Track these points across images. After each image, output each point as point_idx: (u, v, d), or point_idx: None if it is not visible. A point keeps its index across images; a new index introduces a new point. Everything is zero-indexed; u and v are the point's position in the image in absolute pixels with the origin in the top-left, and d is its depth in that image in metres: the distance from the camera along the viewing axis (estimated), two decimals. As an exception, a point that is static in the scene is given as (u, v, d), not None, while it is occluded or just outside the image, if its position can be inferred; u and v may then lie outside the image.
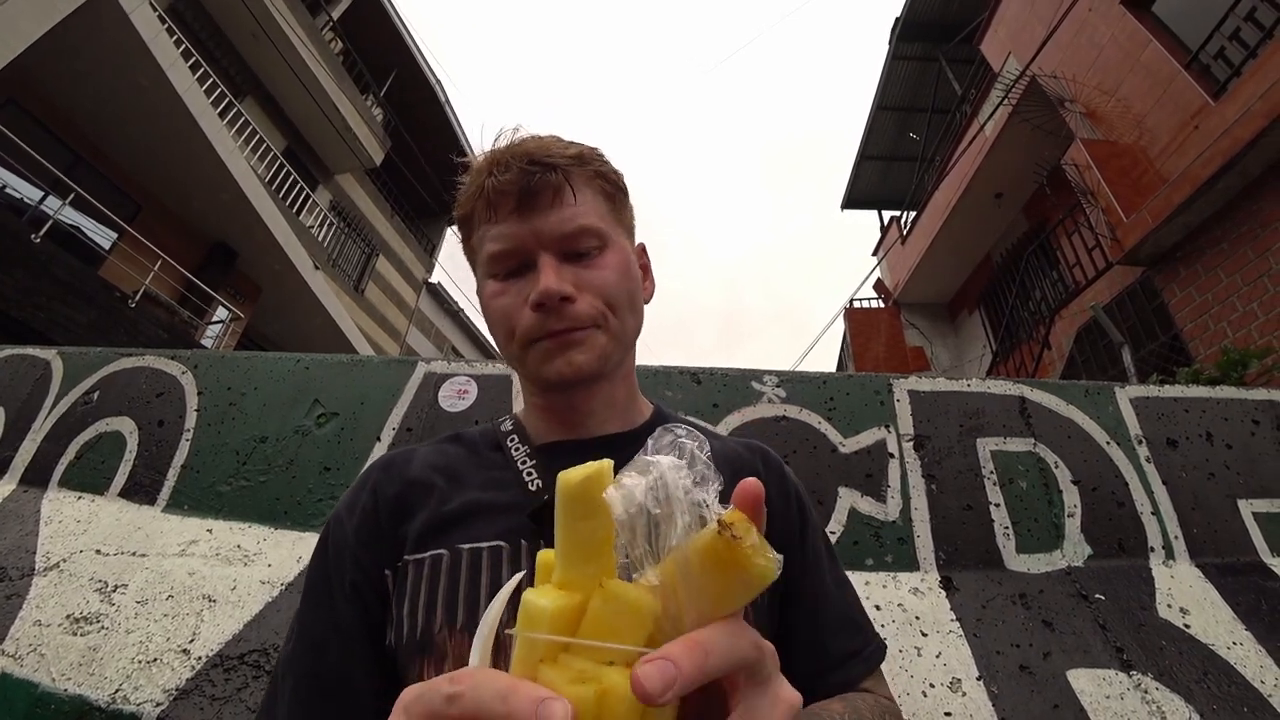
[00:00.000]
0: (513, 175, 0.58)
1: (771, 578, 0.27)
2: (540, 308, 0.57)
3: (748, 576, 0.27)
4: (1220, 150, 4.26)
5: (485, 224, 0.61)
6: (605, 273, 0.61)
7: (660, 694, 0.24)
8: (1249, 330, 4.33)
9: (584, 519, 0.29)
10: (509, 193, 0.58)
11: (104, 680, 1.07)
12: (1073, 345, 6.01)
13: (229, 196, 8.13)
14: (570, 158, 0.61)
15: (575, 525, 0.30)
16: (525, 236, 0.59)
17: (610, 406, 0.65)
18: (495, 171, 0.59)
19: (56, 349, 1.82)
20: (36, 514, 1.45)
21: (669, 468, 0.28)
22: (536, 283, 0.57)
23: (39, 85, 6.90)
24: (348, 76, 11.44)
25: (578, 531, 0.30)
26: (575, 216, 0.60)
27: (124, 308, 6.77)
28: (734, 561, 0.26)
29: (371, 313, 13.49)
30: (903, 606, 1.18)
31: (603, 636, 0.28)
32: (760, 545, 0.27)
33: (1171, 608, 1.21)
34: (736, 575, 0.27)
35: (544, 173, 0.59)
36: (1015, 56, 7.16)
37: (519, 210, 0.59)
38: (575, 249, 0.60)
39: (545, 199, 0.59)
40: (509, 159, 0.59)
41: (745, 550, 0.26)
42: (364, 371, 1.59)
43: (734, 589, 0.27)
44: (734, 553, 0.26)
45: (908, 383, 1.51)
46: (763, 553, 0.27)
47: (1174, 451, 1.45)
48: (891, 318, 10.18)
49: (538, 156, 0.59)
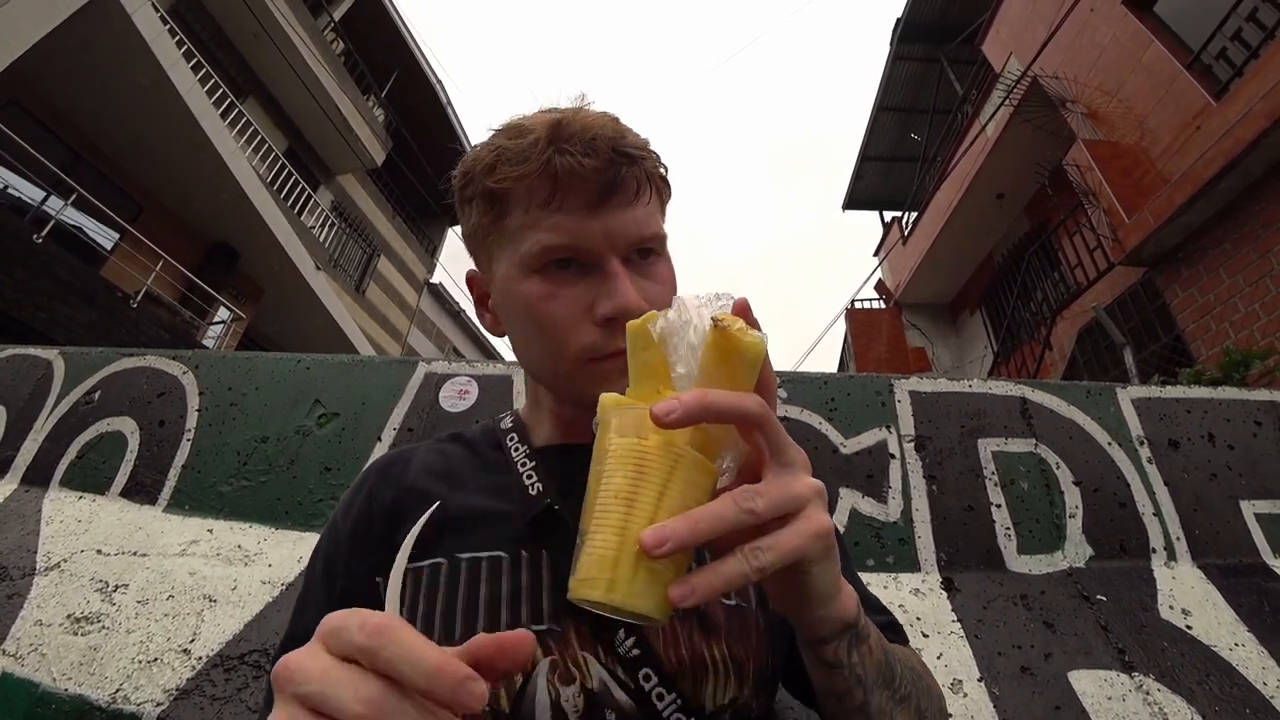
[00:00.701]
0: (599, 163, 0.49)
1: (762, 348, 0.35)
2: (611, 323, 0.50)
3: (744, 351, 0.34)
4: (1222, 151, 4.26)
5: (541, 208, 0.51)
6: (664, 287, 0.55)
7: (663, 416, 0.31)
8: (1251, 331, 4.33)
9: (644, 350, 0.38)
10: (588, 179, 0.49)
11: (104, 680, 1.07)
12: (1074, 346, 6.00)
13: (230, 197, 8.14)
14: (647, 150, 0.54)
15: (640, 354, 0.38)
16: (597, 236, 0.51)
17: None
18: (569, 150, 0.49)
19: (58, 349, 1.82)
20: (38, 514, 1.45)
21: (688, 298, 0.38)
22: (604, 290, 0.50)
23: (41, 86, 6.91)
24: (349, 77, 11.46)
25: (640, 360, 0.38)
26: (648, 220, 0.53)
27: (125, 308, 6.78)
28: (729, 343, 0.34)
29: (373, 313, 13.51)
30: (904, 607, 1.18)
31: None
32: (745, 329, 0.34)
33: (1173, 609, 1.20)
34: (736, 354, 0.34)
35: (629, 166, 0.51)
36: (1017, 57, 7.15)
37: (597, 204, 0.50)
38: (641, 254, 0.54)
39: (624, 196, 0.51)
40: (591, 139, 0.50)
41: (734, 333, 0.34)
42: (365, 372, 1.59)
43: (739, 367, 0.34)
44: (726, 337, 0.34)
45: (909, 383, 1.51)
46: (749, 332, 0.34)
47: (1176, 452, 1.44)
48: (893, 318, 10.18)
49: (623, 145, 0.51)
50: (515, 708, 0.47)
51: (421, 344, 16.04)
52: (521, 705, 0.47)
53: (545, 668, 0.48)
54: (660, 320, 0.37)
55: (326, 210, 11.90)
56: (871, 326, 10.16)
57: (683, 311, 0.37)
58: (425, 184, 14.51)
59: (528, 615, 0.51)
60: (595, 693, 0.48)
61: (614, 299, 0.50)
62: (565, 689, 0.48)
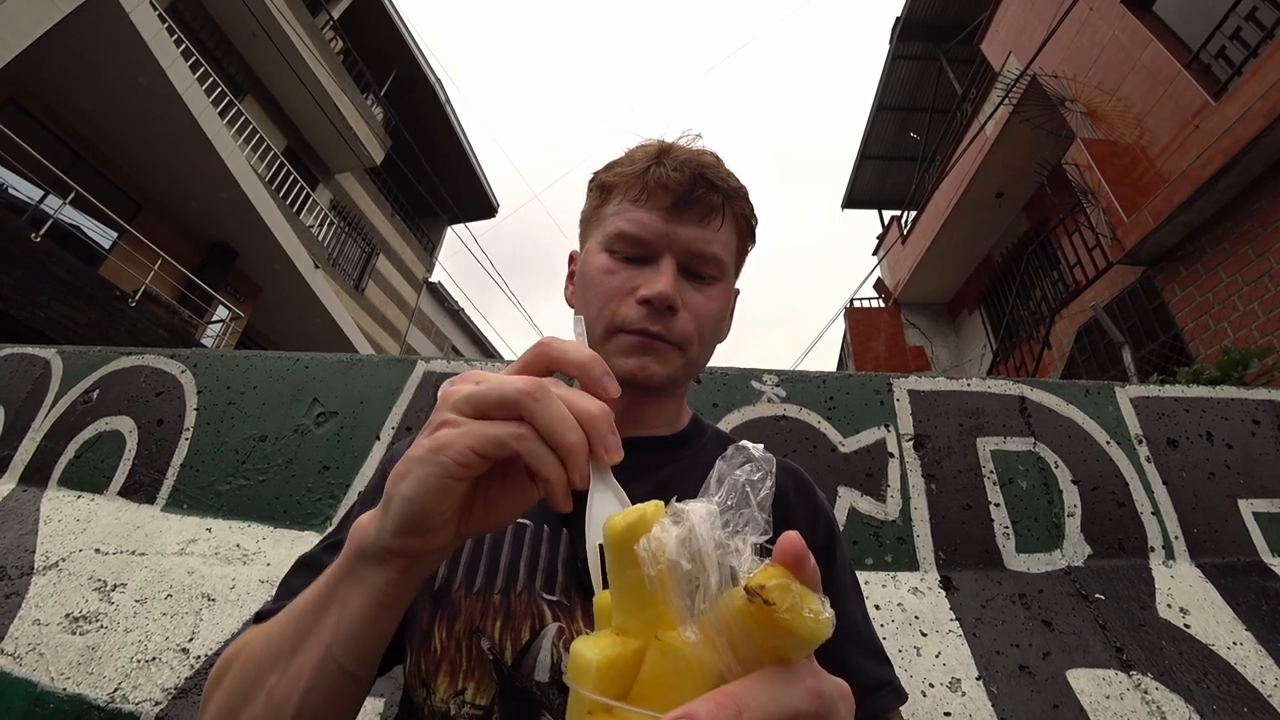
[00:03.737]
0: (683, 178, 0.60)
1: (824, 635, 0.24)
2: (647, 304, 0.58)
3: (794, 638, 0.24)
4: (1221, 150, 4.26)
5: (630, 202, 0.62)
6: (712, 304, 0.63)
7: None
8: (1250, 330, 4.33)
9: (631, 566, 0.28)
10: (671, 190, 0.60)
11: (103, 679, 1.07)
12: (1073, 345, 6.01)
13: (229, 196, 8.13)
14: (733, 188, 0.64)
15: (624, 572, 0.28)
16: (661, 234, 0.60)
17: (655, 417, 0.67)
18: (666, 164, 0.61)
19: (56, 348, 1.82)
20: (36, 513, 1.45)
21: (701, 518, 0.27)
22: (651, 279, 0.59)
23: (39, 84, 6.90)
24: (348, 75, 11.44)
25: (626, 578, 0.28)
26: (713, 241, 0.62)
27: (124, 307, 6.77)
28: (771, 626, 0.24)
29: (372, 312, 13.49)
30: (902, 606, 1.18)
31: (659, 691, 0.27)
32: (799, 605, 0.24)
33: (1171, 607, 1.21)
34: (779, 637, 0.24)
35: (709, 191, 0.61)
36: (1016, 56, 7.15)
37: (671, 210, 0.60)
38: (697, 270, 0.62)
39: (697, 213, 0.61)
40: (684, 160, 0.61)
41: (782, 616, 0.24)
42: (363, 370, 1.59)
43: (782, 646, 0.25)
44: (769, 618, 0.24)
45: (908, 382, 1.51)
46: (803, 612, 0.24)
47: (1174, 451, 1.44)
48: (892, 317, 10.18)
49: (709, 174, 0.61)
50: (518, 661, 0.51)
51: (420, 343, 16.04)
52: (524, 660, 0.51)
53: (552, 631, 0.52)
54: (649, 543, 0.27)
55: (325, 209, 11.88)
56: (870, 325, 10.16)
57: (691, 538, 0.26)
58: (424, 182, 14.50)
59: (542, 583, 0.55)
60: None
61: (654, 285, 0.58)
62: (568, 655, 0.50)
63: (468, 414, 0.35)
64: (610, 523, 0.29)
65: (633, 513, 0.29)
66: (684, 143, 0.65)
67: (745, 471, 0.29)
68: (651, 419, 0.66)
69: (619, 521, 0.29)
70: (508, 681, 0.50)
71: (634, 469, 0.63)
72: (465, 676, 0.50)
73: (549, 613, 0.53)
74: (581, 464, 0.34)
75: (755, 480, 0.29)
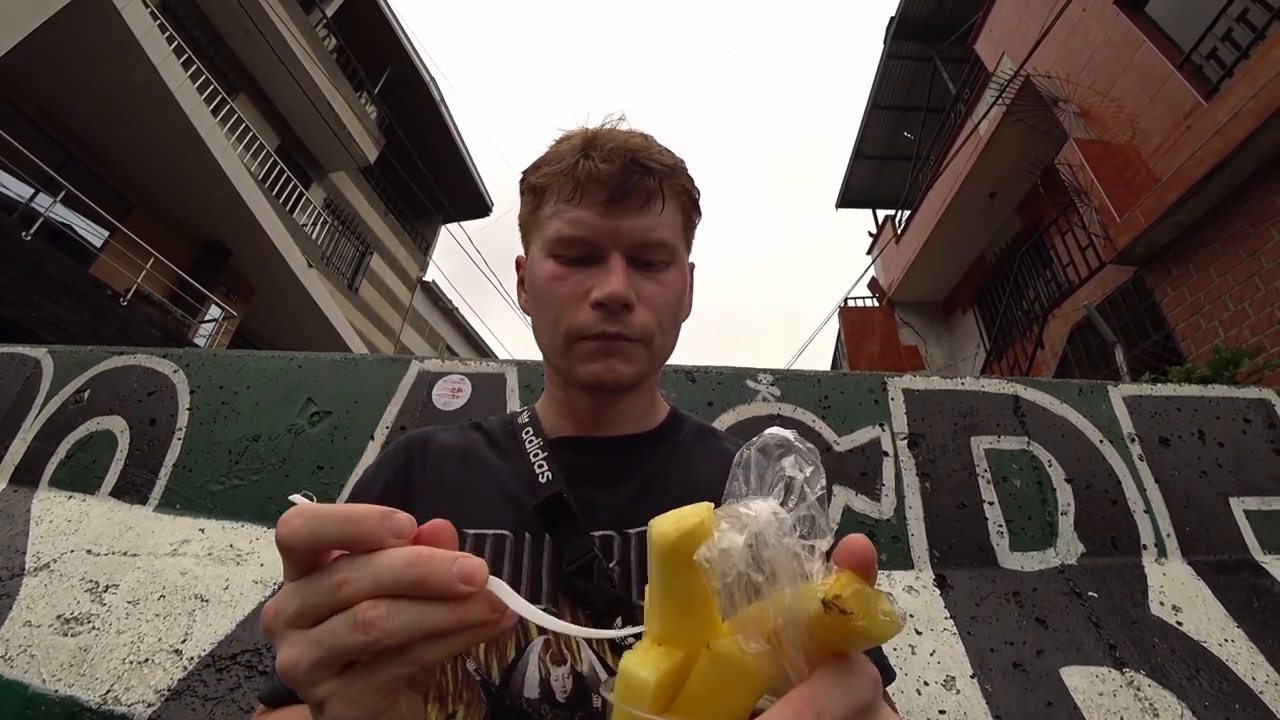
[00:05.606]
0: (614, 168, 0.56)
1: (896, 633, 0.24)
2: (601, 307, 0.56)
3: (869, 641, 0.25)
4: (1212, 150, 4.29)
5: (564, 202, 0.58)
6: (667, 291, 0.60)
7: None
8: (1240, 329, 4.36)
9: (683, 576, 0.26)
10: (603, 183, 0.57)
11: (95, 681, 1.06)
12: (1066, 344, 6.04)
13: (222, 194, 8.08)
14: (668, 166, 0.60)
15: (672, 583, 0.27)
16: (603, 230, 0.57)
17: (629, 413, 0.66)
18: (594, 156, 0.57)
19: (47, 347, 1.80)
20: (27, 514, 1.44)
21: (767, 522, 0.25)
22: (602, 280, 0.57)
23: (30, 81, 6.83)
24: (341, 74, 11.38)
25: (675, 589, 0.27)
26: (657, 227, 0.59)
27: (116, 306, 6.72)
28: (848, 632, 0.24)
29: (366, 311, 13.44)
30: (897, 604, 1.19)
31: (708, 702, 0.26)
32: (872, 610, 0.24)
33: (1164, 605, 1.21)
34: (851, 642, 0.25)
35: (643, 176, 0.57)
36: (1009, 56, 7.18)
37: (607, 204, 0.57)
38: (647, 258, 0.59)
39: (636, 201, 0.58)
40: (612, 149, 0.57)
41: (859, 624, 0.23)
42: (357, 370, 1.58)
43: (851, 646, 0.25)
44: (847, 626, 0.23)
45: (902, 381, 1.51)
46: (876, 616, 0.24)
47: (1166, 450, 1.45)
48: (886, 317, 10.20)
49: (641, 157, 0.58)
50: (506, 680, 0.50)
51: (415, 342, 15.98)
52: (512, 679, 0.50)
53: (538, 645, 0.51)
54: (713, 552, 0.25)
55: (319, 208, 11.83)
56: (865, 325, 10.18)
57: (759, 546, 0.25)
58: (418, 181, 14.45)
59: (526, 594, 0.53)
60: (584, 676, 0.50)
61: (605, 287, 0.56)
62: (556, 669, 0.51)
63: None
64: (659, 530, 0.27)
65: (687, 519, 0.27)
66: (609, 127, 0.61)
67: (792, 465, 0.27)
68: (623, 417, 0.65)
69: (669, 530, 0.27)
70: (497, 702, 0.49)
71: (614, 470, 0.63)
72: (454, 700, 0.50)
73: (533, 627, 0.52)
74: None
75: (809, 476, 0.27)
